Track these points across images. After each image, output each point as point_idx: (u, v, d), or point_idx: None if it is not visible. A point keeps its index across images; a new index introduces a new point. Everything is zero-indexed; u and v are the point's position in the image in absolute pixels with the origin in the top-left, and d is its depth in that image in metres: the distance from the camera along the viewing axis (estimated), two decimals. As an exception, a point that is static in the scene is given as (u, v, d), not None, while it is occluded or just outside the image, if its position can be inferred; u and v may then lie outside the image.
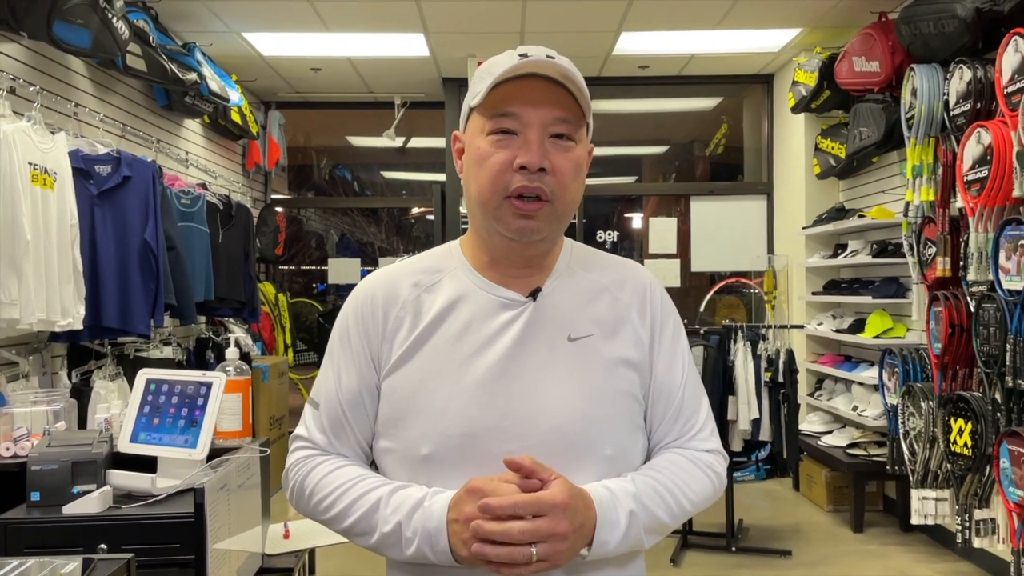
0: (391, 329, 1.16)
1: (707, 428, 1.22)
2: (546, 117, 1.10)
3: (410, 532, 1.06)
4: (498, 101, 1.10)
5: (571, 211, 1.16)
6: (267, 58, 5.72)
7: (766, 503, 5.36)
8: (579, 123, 1.13)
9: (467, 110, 1.17)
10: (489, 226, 1.14)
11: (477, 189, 1.13)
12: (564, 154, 1.11)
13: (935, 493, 3.83)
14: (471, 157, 1.14)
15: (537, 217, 1.10)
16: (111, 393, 3.54)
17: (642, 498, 1.09)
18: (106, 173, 3.63)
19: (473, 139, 1.14)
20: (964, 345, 3.63)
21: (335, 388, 1.18)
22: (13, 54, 3.46)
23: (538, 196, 1.10)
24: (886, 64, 4.36)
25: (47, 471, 1.75)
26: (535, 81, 1.09)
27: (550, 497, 1.00)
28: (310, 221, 8.35)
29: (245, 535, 1.96)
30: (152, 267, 3.75)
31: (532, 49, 1.11)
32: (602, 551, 1.06)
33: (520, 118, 1.09)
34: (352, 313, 1.20)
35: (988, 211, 3.37)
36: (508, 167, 1.09)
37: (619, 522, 1.06)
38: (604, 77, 6.34)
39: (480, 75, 1.13)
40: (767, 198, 6.49)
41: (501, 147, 1.10)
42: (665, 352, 1.20)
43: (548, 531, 0.99)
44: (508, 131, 1.10)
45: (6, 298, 2.91)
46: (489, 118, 1.11)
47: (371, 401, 1.17)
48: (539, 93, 1.09)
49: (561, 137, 1.11)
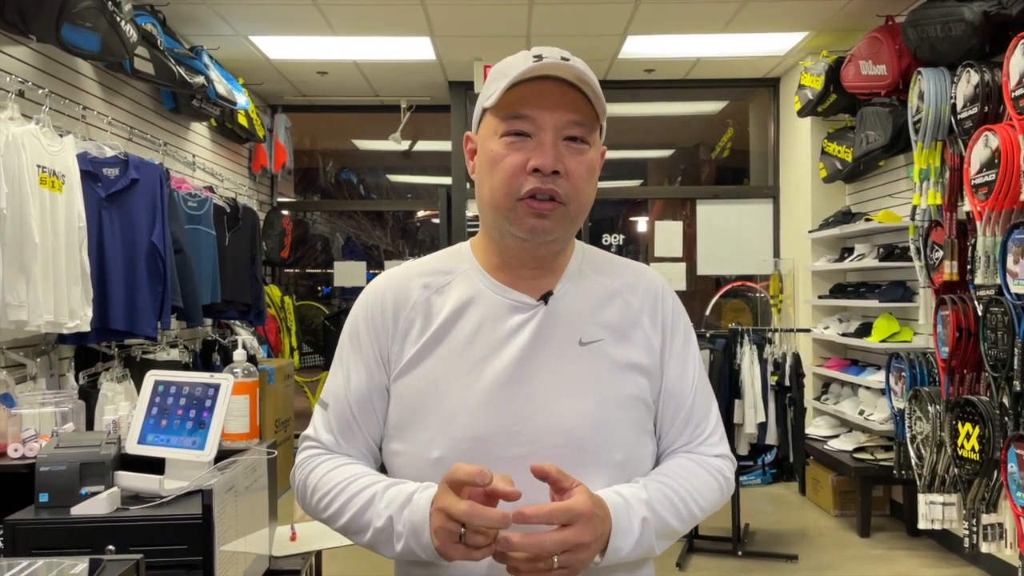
0: (402, 330, 1.16)
1: (717, 433, 1.22)
2: (560, 120, 1.09)
3: (400, 526, 1.05)
4: (512, 103, 1.09)
5: (584, 213, 1.15)
6: (274, 61, 5.74)
7: (772, 507, 5.34)
8: (593, 126, 1.12)
9: (480, 111, 1.16)
10: (501, 227, 1.14)
11: (490, 191, 1.12)
12: (578, 157, 1.10)
13: (942, 498, 3.82)
14: (484, 159, 1.13)
15: (551, 217, 1.10)
16: (118, 395, 3.54)
17: (654, 505, 1.09)
18: (114, 176, 3.64)
19: (486, 140, 1.13)
20: (971, 349, 3.62)
21: (344, 389, 1.18)
22: (22, 57, 3.48)
23: (552, 197, 1.09)
24: (893, 68, 4.36)
25: (55, 472, 1.76)
26: (549, 83, 1.09)
27: (580, 505, 1.00)
28: (316, 224, 8.36)
29: (252, 537, 1.96)
30: (159, 269, 3.76)
31: (547, 50, 1.10)
32: (615, 558, 1.06)
33: (534, 120, 1.09)
34: (362, 314, 1.20)
35: (996, 215, 3.36)
36: (521, 170, 1.09)
37: (633, 529, 1.06)
38: (610, 80, 6.34)
39: (494, 76, 1.13)
40: (773, 202, 6.49)
41: (515, 149, 1.09)
42: (676, 357, 1.20)
43: (575, 541, 0.99)
44: (522, 133, 1.09)
45: (14, 300, 2.92)
46: (503, 120, 1.10)
47: (380, 402, 1.17)
48: (553, 96, 1.09)
49: (575, 140, 1.10)
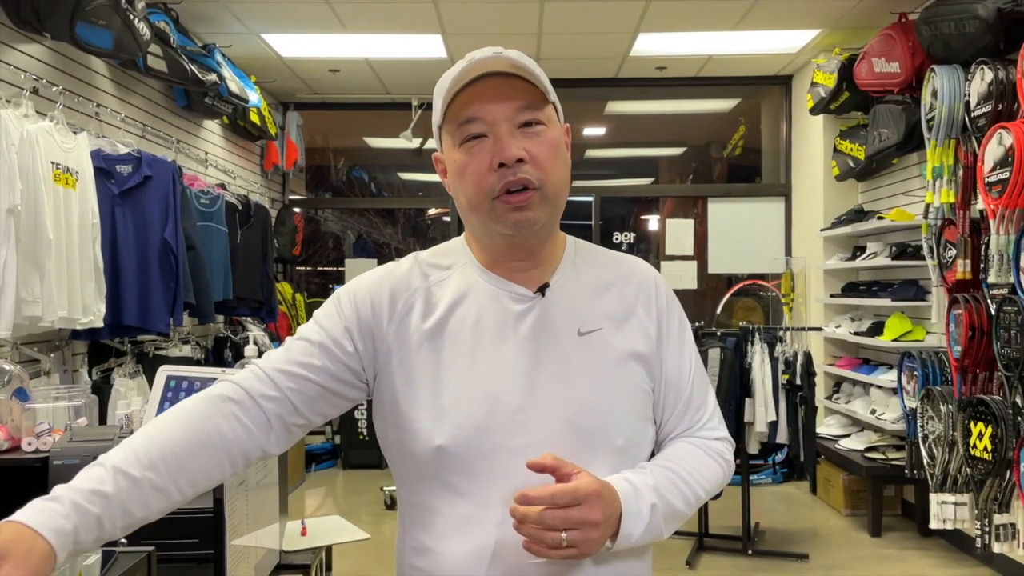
0: (400, 312, 1.15)
1: (715, 417, 1.25)
2: (507, 110, 1.10)
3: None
4: (459, 110, 1.11)
5: (562, 193, 1.16)
6: (286, 59, 5.76)
7: (783, 506, 5.33)
8: (542, 105, 1.13)
9: (436, 131, 1.18)
10: (487, 229, 1.15)
11: (466, 198, 1.14)
12: (537, 139, 1.11)
13: (954, 497, 3.80)
14: (452, 171, 1.15)
15: (531, 206, 1.11)
16: (130, 390, 3.56)
17: (661, 490, 1.11)
18: (127, 173, 3.66)
19: (450, 154, 1.15)
20: (984, 348, 3.59)
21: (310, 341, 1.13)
22: (36, 55, 3.50)
23: (525, 186, 1.10)
24: (906, 65, 4.33)
25: (69, 466, 1.77)
26: (488, 80, 1.10)
27: (585, 486, 1.01)
28: (327, 222, 8.38)
29: (263, 531, 1.98)
30: (172, 266, 3.78)
31: (478, 52, 1.13)
32: (626, 543, 1.07)
33: (483, 119, 1.10)
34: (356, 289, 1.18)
35: (1009, 213, 3.34)
36: (488, 169, 1.10)
37: (643, 514, 1.08)
38: (621, 78, 6.34)
39: (436, 93, 1.15)
40: (785, 200, 6.46)
41: (475, 153, 1.11)
42: (673, 346, 1.22)
43: (581, 519, 1.00)
44: (477, 135, 1.11)
45: (28, 296, 2.95)
46: (456, 129, 1.12)
47: (331, 364, 1.12)
48: (494, 90, 1.10)
49: (530, 125, 1.11)
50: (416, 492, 1.15)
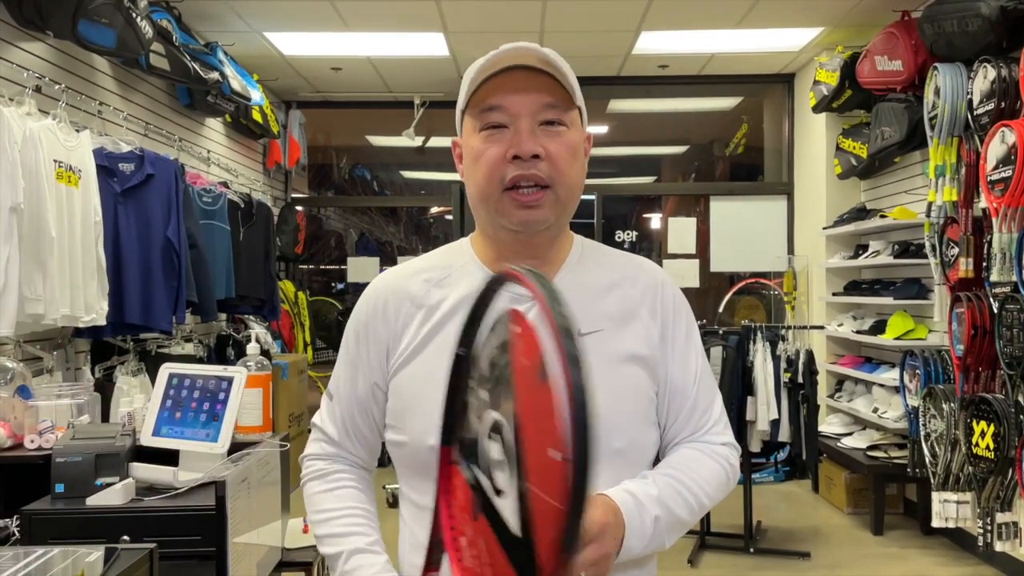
0: (401, 324, 1.17)
1: (721, 422, 1.23)
2: (533, 104, 1.10)
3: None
4: (484, 97, 1.10)
5: (574, 196, 1.16)
6: (288, 58, 5.76)
7: (785, 505, 5.32)
8: (568, 107, 1.12)
9: (459, 115, 1.18)
10: (493, 221, 1.15)
11: (476, 186, 1.13)
12: (556, 139, 1.11)
13: (956, 496, 3.80)
14: (467, 157, 1.15)
15: (541, 205, 1.11)
16: (133, 388, 3.57)
17: (665, 500, 1.10)
18: (129, 171, 3.67)
19: (468, 140, 1.15)
20: (987, 347, 3.59)
21: (348, 388, 1.22)
22: (39, 53, 3.51)
23: (536, 184, 1.10)
24: (909, 63, 4.33)
25: (71, 463, 1.78)
26: (517, 72, 1.09)
27: (595, 527, 0.99)
28: (330, 220, 8.39)
29: (265, 529, 1.98)
30: (174, 264, 3.78)
31: (511, 45, 1.12)
32: (627, 556, 1.07)
33: (507, 109, 1.10)
34: (365, 311, 1.22)
35: (1012, 211, 3.33)
36: (502, 159, 1.09)
37: (646, 528, 1.07)
38: (623, 76, 6.33)
39: (465, 80, 1.15)
40: (787, 198, 6.46)
41: (493, 141, 1.10)
42: (679, 350, 1.21)
43: (599, 556, 0.99)
44: (498, 125, 1.10)
45: (31, 294, 2.95)
46: (478, 116, 1.12)
47: (379, 402, 1.21)
48: (522, 82, 1.09)
49: (552, 124, 1.11)
50: (417, 490, 1.15)
